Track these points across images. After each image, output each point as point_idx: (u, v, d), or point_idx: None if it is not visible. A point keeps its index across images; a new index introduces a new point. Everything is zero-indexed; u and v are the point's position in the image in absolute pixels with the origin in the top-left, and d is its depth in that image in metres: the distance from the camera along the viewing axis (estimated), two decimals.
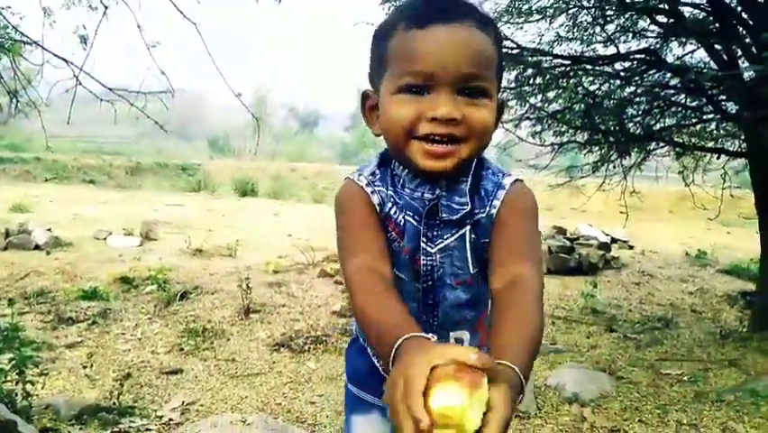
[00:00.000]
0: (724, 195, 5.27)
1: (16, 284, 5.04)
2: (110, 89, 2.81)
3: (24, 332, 2.66)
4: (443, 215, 0.95)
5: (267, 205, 13.95)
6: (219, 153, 28.89)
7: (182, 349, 3.88)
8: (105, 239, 7.44)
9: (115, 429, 2.53)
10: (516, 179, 0.97)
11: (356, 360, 1.14)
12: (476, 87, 0.89)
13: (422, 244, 0.96)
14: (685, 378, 3.62)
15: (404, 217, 0.97)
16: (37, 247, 6.59)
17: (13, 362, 2.54)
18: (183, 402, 2.95)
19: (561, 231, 8.59)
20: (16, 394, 2.55)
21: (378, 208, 0.97)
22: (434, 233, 0.96)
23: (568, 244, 7.76)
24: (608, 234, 9.58)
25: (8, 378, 2.57)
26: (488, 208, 0.95)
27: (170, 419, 2.71)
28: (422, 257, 0.97)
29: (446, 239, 0.96)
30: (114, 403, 2.79)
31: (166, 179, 19.01)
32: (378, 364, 1.07)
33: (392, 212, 0.98)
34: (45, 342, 3.71)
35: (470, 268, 0.98)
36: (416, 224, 0.96)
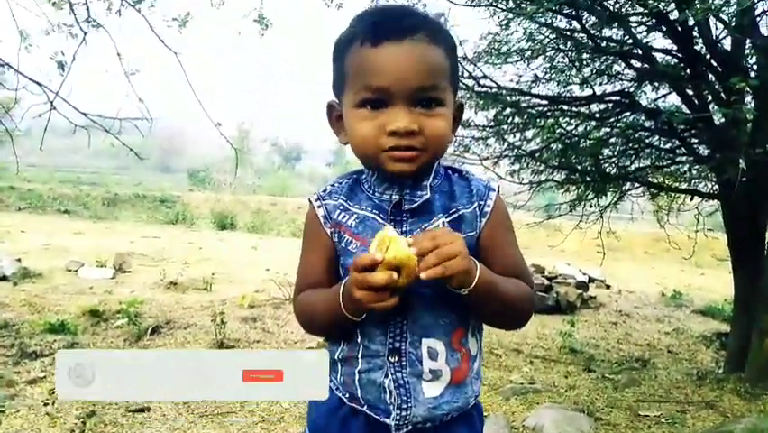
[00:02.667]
0: (698, 236, 5.36)
1: None
2: (84, 114, 2.77)
3: None
4: (405, 206, 1.01)
5: (245, 238, 13.80)
6: (199, 186, 28.67)
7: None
8: (76, 271, 7.25)
9: None
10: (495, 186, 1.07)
11: (318, 404, 1.08)
12: (430, 98, 0.96)
13: None
14: (663, 420, 3.60)
15: (360, 218, 1.03)
16: (4, 278, 6.38)
17: None
18: None
19: (539, 270, 8.63)
20: None
21: (322, 220, 1.06)
22: (404, 228, 1.00)
23: (546, 282, 7.79)
24: (585, 274, 9.67)
25: None
26: (478, 207, 1.03)
27: None
28: None
29: (416, 233, 0.99)
30: None
31: (144, 211, 18.75)
32: (343, 398, 1.06)
33: (341, 217, 1.05)
34: (4, 377, 3.54)
35: None
36: (381, 221, 1.01)
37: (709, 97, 4.37)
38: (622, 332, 6.60)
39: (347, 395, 1.05)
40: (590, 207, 5.30)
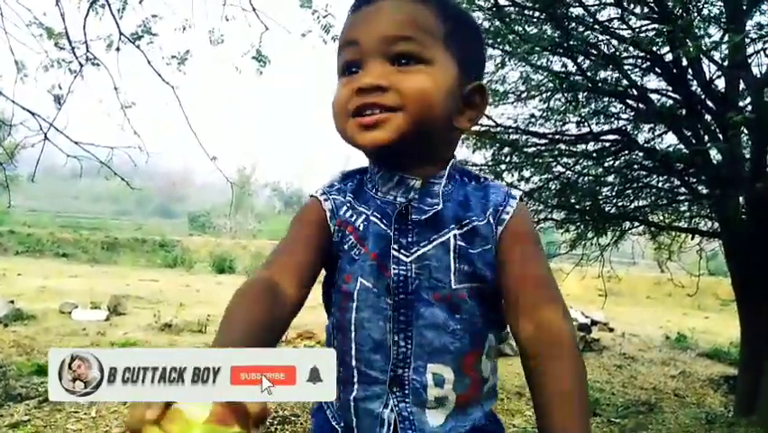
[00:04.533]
0: (700, 277, 5.30)
1: None
2: (76, 143, 2.76)
3: None
4: (413, 216, 0.86)
5: (244, 282, 13.67)
6: (199, 230, 28.71)
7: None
8: (70, 312, 7.14)
9: None
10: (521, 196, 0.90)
11: (322, 427, 0.96)
12: (406, 53, 0.82)
13: (393, 252, 0.86)
14: None
15: (367, 221, 0.89)
16: None
17: None
18: None
19: None
20: None
21: (329, 214, 0.91)
22: (409, 239, 0.86)
23: None
24: (587, 317, 9.52)
25: None
26: (493, 215, 0.86)
27: None
28: (392, 266, 0.85)
29: (423, 246, 0.85)
30: None
31: (142, 255, 18.70)
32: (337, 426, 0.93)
33: (348, 215, 0.91)
34: None
35: (452, 282, 0.84)
36: (384, 228, 0.87)
37: (706, 136, 4.39)
38: (627, 375, 6.43)
39: (342, 424, 0.91)
40: (590, 246, 5.25)
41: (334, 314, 0.92)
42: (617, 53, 4.36)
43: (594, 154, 4.95)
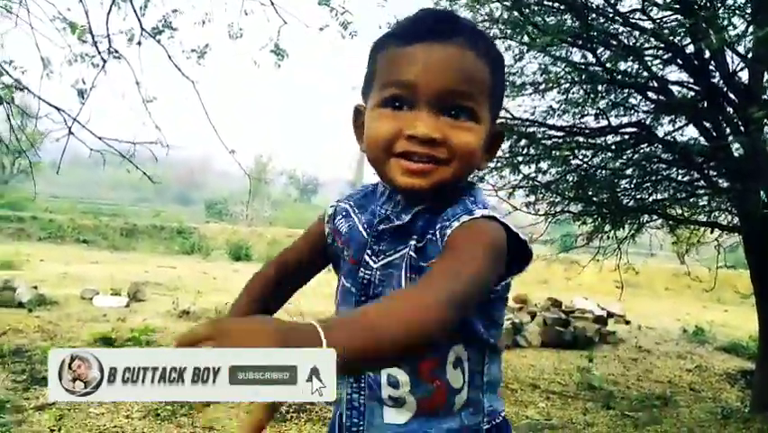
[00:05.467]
0: (719, 271, 5.25)
1: None
2: (99, 138, 2.82)
3: None
4: (381, 225, 0.92)
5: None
6: (216, 218, 28.97)
7: (158, 415, 3.68)
8: (91, 299, 7.29)
9: None
10: (491, 216, 0.83)
11: (331, 422, 1.03)
12: (461, 107, 0.84)
13: (365, 257, 0.92)
14: None
15: (351, 228, 0.97)
16: (20, 305, 6.43)
17: None
18: None
19: (556, 303, 8.48)
20: None
21: (326, 219, 1.02)
22: (380, 247, 0.92)
23: (563, 317, 7.64)
24: (603, 309, 9.46)
25: None
26: (440, 232, 0.84)
27: None
28: (361, 270, 0.92)
29: (389, 255, 0.90)
30: None
31: (161, 242, 18.93)
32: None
33: (339, 223, 0.99)
34: (13, 403, 3.52)
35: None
36: (365, 234, 0.94)
37: (728, 129, 4.33)
38: (642, 369, 6.40)
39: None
40: (607, 239, 5.22)
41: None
42: (638, 44, 4.30)
43: (613, 147, 4.91)
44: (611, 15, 4.12)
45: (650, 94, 4.51)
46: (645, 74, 4.27)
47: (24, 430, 3.17)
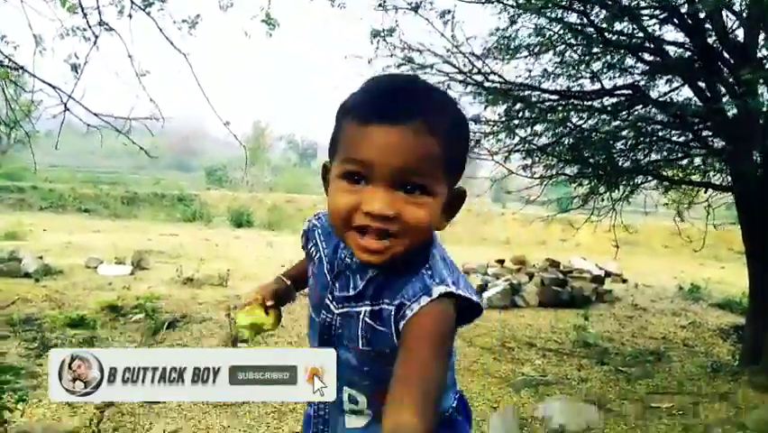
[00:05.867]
0: (715, 230, 5.32)
1: (2, 311, 5.00)
2: (96, 115, 2.85)
3: (3, 357, 2.63)
4: (336, 291, 1.00)
5: (261, 235, 13.95)
6: (216, 184, 28.96)
7: None
8: (95, 268, 7.41)
9: None
10: (447, 293, 0.90)
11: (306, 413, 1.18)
12: (414, 184, 0.89)
13: (326, 301, 1.01)
14: (675, 412, 3.59)
15: (321, 262, 1.05)
16: (27, 275, 6.55)
17: None
18: (164, 431, 2.91)
19: (554, 264, 8.61)
20: None
21: (302, 240, 1.13)
22: (339, 294, 1.00)
23: (561, 277, 7.77)
24: (601, 268, 9.60)
25: None
26: (398, 310, 0.91)
27: None
28: (323, 312, 1.01)
29: (346, 307, 0.98)
30: (94, 432, 2.74)
31: (162, 210, 19.02)
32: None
33: (312, 249, 1.09)
34: (27, 369, 3.65)
35: (360, 343, 0.97)
36: (328, 277, 1.02)
37: (723, 90, 4.34)
38: (637, 325, 6.55)
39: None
40: (602, 200, 5.28)
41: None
42: (634, 4, 4.27)
43: (608, 109, 4.92)
44: None
45: (645, 55, 4.50)
46: (640, 35, 4.25)
47: (40, 394, 3.31)
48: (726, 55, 4.15)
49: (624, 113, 4.85)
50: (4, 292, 5.61)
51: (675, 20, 4.20)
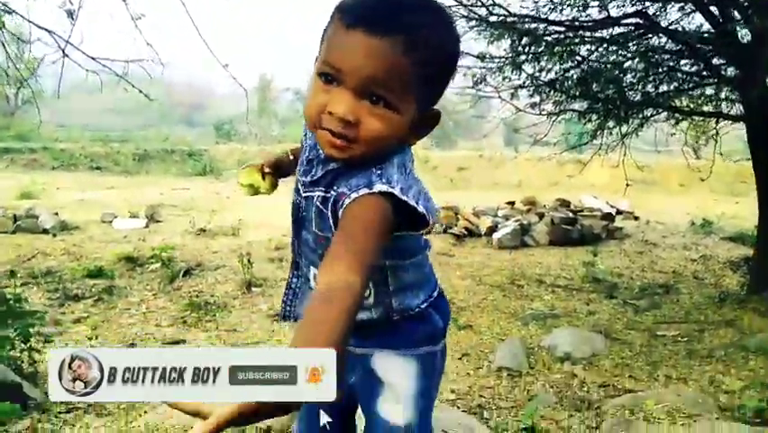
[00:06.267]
0: (731, 164, 5.26)
1: (24, 264, 5.15)
2: (93, 58, 2.85)
3: (27, 303, 2.74)
4: (303, 176, 1.08)
5: None
6: (225, 138, 28.89)
7: (185, 322, 3.97)
8: (110, 222, 7.54)
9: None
10: (381, 192, 0.94)
11: None
12: (380, 96, 0.92)
13: (298, 184, 1.10)
14: (680, 339, 3.67)
15: (304, 152, 1.12)
16: (44, 231, 6.70)
17: (18, 330, 2.62)
18: None
19: (564, 203, 8.59)
20: (22, 362, 2.64)
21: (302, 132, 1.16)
22: (306, 179, 1.07)
23: (571, 215, 7.77)
24: (612, 206, 9.57)
25: (15, 347, 2.66)
26: (341, 197, 0.96)
27: None
28: (295, 194, 1.10)
29: (308, 192, 1.06)
30: None
31: (172, 165, 19.10)
32: None
33: (303, 140, 1.15)
34: (52, 317, 3.80)
35: (313, 226, 1.05)
36: (305, 163, 1.09)
37: (735, 14, 4.19)
38: (647, 260, 6.59)
39: None
40: (610, 135, 5.22)
41: None
42: None
43: (617, 40, 4.79)
44: None
45: None
46: None
47: (65, 339, 3.46)
48: None
49: (633, 43, 4.72)
50: (24, 247, 5.76)
51: None
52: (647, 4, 4.61)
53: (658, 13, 4.64)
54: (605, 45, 4.83)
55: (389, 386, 1.12)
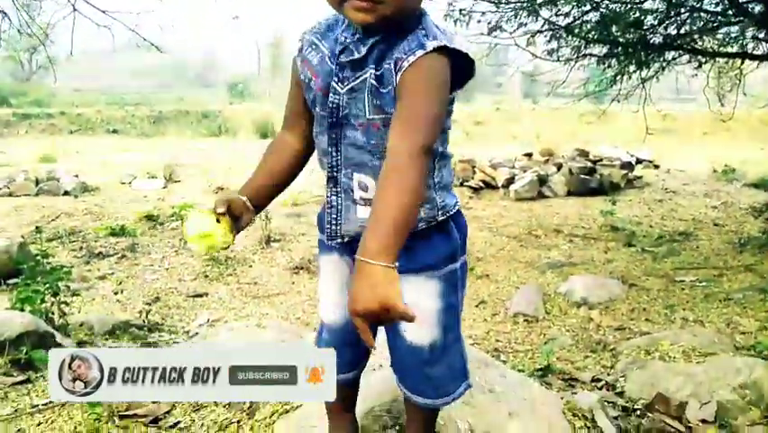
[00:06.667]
0: (751, 111, 5.10)
1: (48, 225, 5.26)
2: (103, 11, 2.84)
3: (54, 258, 2.82)
4: (342, 56, 1.05)
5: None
6: (239, 98, 28.78)
7: (207, 276, 4.06)
8: (130, 183, 7.64)
9: (145, 342, 2.71)
10: (440, 47, 0.98)
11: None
12: None
13: (332, 83, 1.05)
14: (698, 283, 3.66)
15: (322, 59, 1.08)
16: (66, 193, 6.82)
17: (47, 284, 2.71)
18: (208, 319, 3.13)
19: (583, 153, 8.46)
20: (53, 313, 2.74)
21: (297, 53, 1.13)
22: (344, 74, 1.05)
23: (589, 165, 7.67)
24: (632, 155, 9.39)
25: (45, 300, 2.76)
26: (395, 64, 0.99)
27: (196, 333, 2.88)
28: (330, 95, 1.06)
29: (352, 81, 1.04)
30: (144, 321, 2.97)
31: (187, 126, 19.12)
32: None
33: (308, 54, 1.11)
34: (78, 274, 3.91)
35: (367, 112, 1.04)
36: (330, 64, 1.07)
37: None
38: (667, 209, 6.52)
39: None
40: (629, 79, 5.08)
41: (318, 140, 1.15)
42: None
43: None
44: None
45: None
46: None
47: (92, 294, 3.57)
48: None
49: None
50: (48, 208, 5.87)
51: None
52: None
53: None
54: None
55: (413, 308, 1.10)
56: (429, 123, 0.97)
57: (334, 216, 1.14)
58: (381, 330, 1.16)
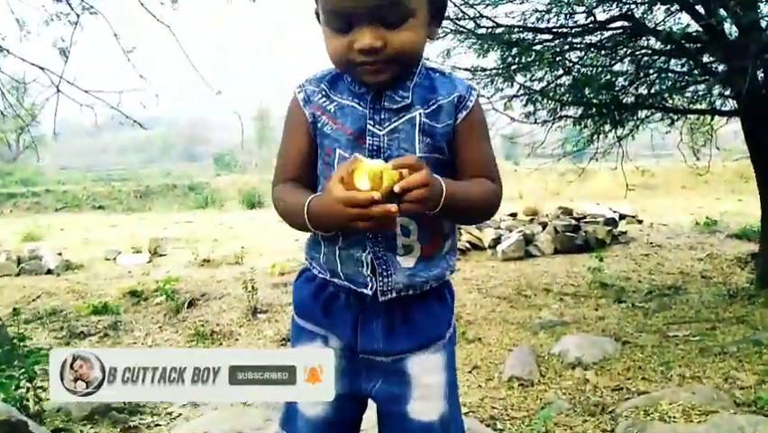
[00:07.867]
0: (727, 164, 5.24)
1: (29, 306, 5.14)
2: (86, 91, 2.89)
3: (32, 340, 2.72)
4: (386, 103, 1.06)
5: (274, 214, 13.93)
6: (226, 170, 29.11)
7: None
8: (114, 258, 7.55)
9: (125, 427, 2.58)
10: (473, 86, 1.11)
11: (302, 289, 1.17)
12: (394, 13, 0.98)
13: (368, 127, 1.06)
14: (692, 338, 3.61)
15: (340, 105, 1.08)
16: (49, 271, 6.71)
17: (23, 369, 2.60)
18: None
19: (566, 211, 8.56)
20: (28, 400, 2.61)
21: (301, 104, 1.11)
22: (382, 117, 1.06)
23: (573, 222, 7.74)
24: (615, 211, 9.52)
25: (20, 386, 2.64)
26: (458, 99, 1.07)
27: (179, 414, 2.75)
28: (368, 138, 1.06)
29: (394, 122, 1.06)
30: (125, 404, 2.84)
31: (174, 200, 19.20)
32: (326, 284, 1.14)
33: (321, 101, 1.10)
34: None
35: (416, 149, 1.05)
36: (360, 108, 1.07)
37: (720, 10, 4.22)
38: (654, 263, 6.54)
39: (328, 274, 1.12)
40: (605, 138, 5.22)
41: (322, 184, 1.10)
42: None
43: (606, 44, 4.82)
44: None
45: None
46: None
47: None
48: None
49: (622, 46, 4.76)
50: (28, 288, 5.76)
51: None
52: (633, 6, 4.66)
53: (644, 14, 4.68)
54: (594, 50, 4.86)
55: (422, 386, 1.10)
56: (494, 169, 1.14)
57: (384, 267, 1.07)
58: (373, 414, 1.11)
